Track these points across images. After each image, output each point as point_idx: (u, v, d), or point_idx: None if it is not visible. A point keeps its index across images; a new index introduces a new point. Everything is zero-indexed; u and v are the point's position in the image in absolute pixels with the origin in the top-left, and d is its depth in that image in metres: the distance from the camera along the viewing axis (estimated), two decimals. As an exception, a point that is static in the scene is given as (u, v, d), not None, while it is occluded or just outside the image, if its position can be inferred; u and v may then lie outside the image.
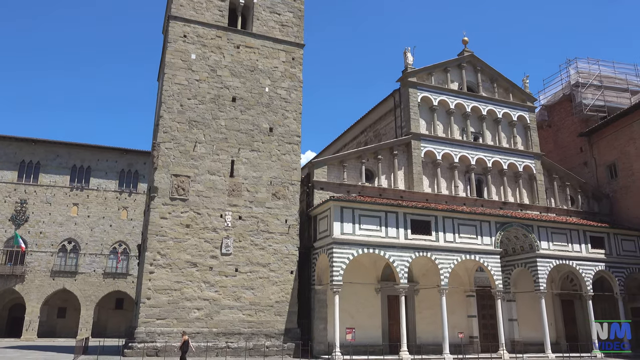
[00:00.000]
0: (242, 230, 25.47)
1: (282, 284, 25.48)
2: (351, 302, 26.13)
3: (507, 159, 33.09)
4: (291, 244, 26.21)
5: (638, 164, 33.11)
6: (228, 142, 26.41)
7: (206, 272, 24.29)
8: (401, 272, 25.12)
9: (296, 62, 29.17)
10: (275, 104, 27.92)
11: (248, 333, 24.15)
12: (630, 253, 31.32)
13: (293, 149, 27.71)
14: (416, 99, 31.64)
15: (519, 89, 35.26)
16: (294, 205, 26.89)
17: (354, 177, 29.07)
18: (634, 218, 32.98)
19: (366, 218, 25.40)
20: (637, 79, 39.20)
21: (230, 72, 27.41)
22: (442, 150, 31.41)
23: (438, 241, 26.43)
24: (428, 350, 26.05)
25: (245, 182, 26.21)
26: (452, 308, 27.59)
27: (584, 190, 35.11)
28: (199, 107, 26.25)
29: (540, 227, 29.28)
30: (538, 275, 28.26)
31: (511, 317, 30.11)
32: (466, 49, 34.75)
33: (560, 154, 38.73)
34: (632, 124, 33.65)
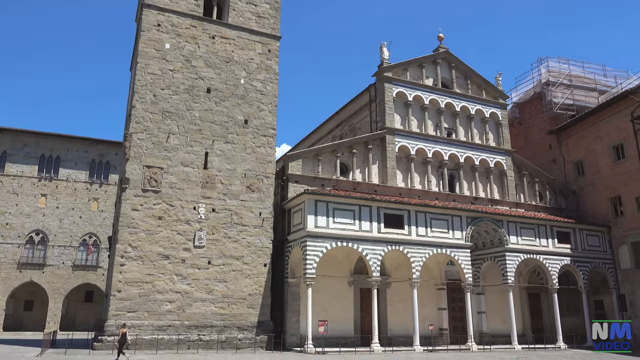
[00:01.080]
0: (215, 222, 25.31)
1: (256, 276, 25.47)
2: (324, 295, 26.30)
3: (479, 155, 33.70)
4: (265, 237, 26.19)
5: (604, 161, 34.14)
6: (202, 133, 26.15)
7: (178, 264, 24.08)
8: (374, 266, 25.41)
9: (272, 54, 29.01)
10: (250, 96, 27.75)
11: (220, 326, 24.08)
12: (595, 248, 32.36)
13: (268, 141, 27.62)
14: (391, 94, 31.89)
15: (492, 86, 35.89)
16: (268, 198, 26.85)
17: (329, 171, 29.18)
18: (598, 214, 34.05)
19: (340, 212, 25.56)
20: (605, 79, 40.33)
21: (205, 62, 27.10)
22: (416, 145, 31.77)
23: (410, 235, 26.81)
24: (399, 342, 26.47)
25: (220, 174, 26.03)
26: (423, 301, 28.06)
27: (552, 186, 36.05)
28: (172, 97, 25.89)
29: (510, 222, 29.98)
30: (506, 269, 28.97)
31: (480, 310, 30.82)
32: (441, 45, 35.14)
33: (531, 151, 39.63)
34: (598, 123, 34.64)
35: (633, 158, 31.81)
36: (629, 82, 36.28)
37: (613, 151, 33.54)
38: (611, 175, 33.47)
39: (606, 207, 33.63)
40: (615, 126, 33.35)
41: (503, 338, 29.29)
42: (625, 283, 31.82)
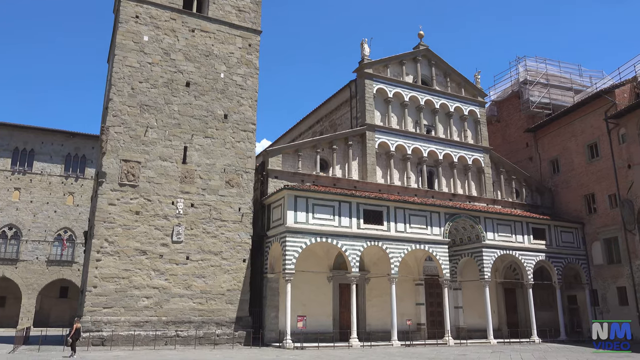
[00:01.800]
0: (194, 217, 25.10)
1: (234, 272, 25.35)
2: (303, 290, 26.33)
3: (458, 152, 34.07)
4: (244, 232, 26.08)
5: (578, 159, 34.86)
6: (181, 127, 25.86)
7: (156, 260, 23.82)
8: (353, 261, 25.53)
9: (253, 49, 28.82)
10: (230, 90, 27.53)
11: (198, 321, 23.93)
12: (569, 244, 33.08)
13: (248, 136, 27.46)
14: (372, 91, 32.00)
15: (470, 84, 36.29)
16: (248, 193, 26.73)
17: (309, 167, 29.17)
18: (573, 211, 34.79)
19: (320, 207, 25.59)
20: (581, 79, 41.10)
21: (184, 56, 26.78)
22: (396, 141, 31.96)
23: (389, 231, 27.00)
24: (377, 337, 26.67)
25: (198, 169, 25.80)
26: (401, 296, 28.33)
27: (528, 183, 36.68)
28: (151, 90, 25.52)
29: (487, 218, 30.42)
30: (483, 264, 29.41)
31: (457, 305, 31.26)
32: (422, 42, 35.36)
33: (508, 149, 40.23)
34: (573, 121, 35.33)
35: (606, 157, 32.56)
36: (603, 83, 37.05)
37: (587, 150, 34.26)
38: (585, 173, 34.21)
39: (580, 204, 34.38)
40: (590, 125, 34.06)
41: (479, 332, 29.75)
42: (597, 278, 32.62)
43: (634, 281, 29.87)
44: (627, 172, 30.87)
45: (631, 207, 30.16)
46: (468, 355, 20.95)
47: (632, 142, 30.68)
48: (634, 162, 30.48)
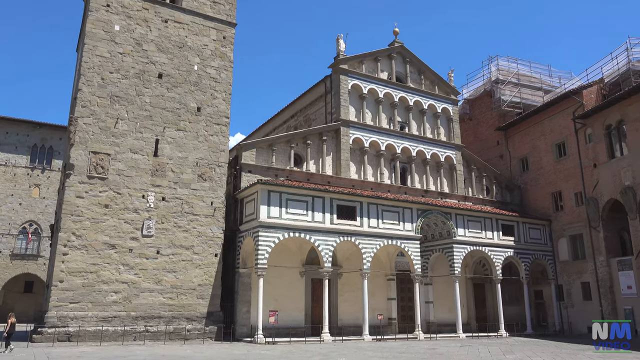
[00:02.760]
0: (165, 211, 24.72)
1: (206, 266, 25.10)
2: (275, 285, 26.28)
3: (431, 149, 34.46)
4: (216, 227, 25.83)
5: (546, 158, 35.68)
6: (153, 120, 25.39)
7: (125, 254, 23.38)
8: (326, 256, 25.59)
9: (227, 42, 28.48)
10: (204, 83, 27.16)
11: (169, 317, 23.62)
12: (536, 240, 33.89)
13: (221, 130, 27.16)
14: (347, 86, 32.04)
15: (444, 82, 36.70)
16: (221, 187, 26.46)
17: (283, 161, 29.06)
18: (540, 208, 35.64)
19: (293, 202, 25.53)
20: (550, 79, 41.99)
21: (157, 47, 26.27)
22: (370, 138, 32.11)
23: (362, 226, 27.14)
24: (349, 332, 26.84)
25: (170, 162, 25.40)
26: (373, 291, 28.57)
27: (498, 181, 37.39)
28: (121, 81, 24.97)
29: (458, 214, 30.90)
30: (454, 260, 29.88)
31: (428, 300, 31.70)
32: (397, 40, 35.57)
33: (479, 146, 40.89)
34: (543, 121, 36.13)
35: (573, 155, 33.42)
36: (572, 83, 37.95)
37: (555, 148, 35.10)
38: (553, 171, 35.05)
39: (548, 201, 35.23)
40: (558, 125, 34.88)
41: (449, 327, 30.25)
42: (563, 274, 33.53)
43: (597, 277, 30.81)
44: (592, 171, 31.76)
45: (596, 205, 31.07)
46: (437, 349, 21.26)
47: (598, 142, 31.57)
48: (599, 162, 31.38)
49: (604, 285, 30.30)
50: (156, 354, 17.73)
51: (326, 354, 18.53)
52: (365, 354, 18.98)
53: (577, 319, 32.21)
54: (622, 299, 29.35)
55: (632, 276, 28.67)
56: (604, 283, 30.35)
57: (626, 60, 32.70)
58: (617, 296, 29.69)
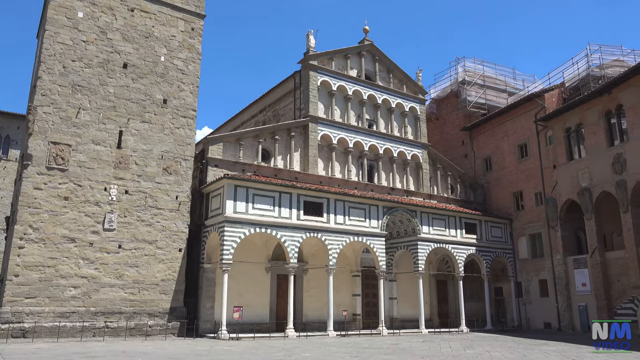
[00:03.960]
0: (128, 205, 24.16)
1: (170, 261, 24.69)
2: (240, 280, 26.12)
3: (398, 147, 34.86)
4: (181, 221, 25.43)
5: (509, 159, 36.63)
6: (117, 111, 24.75)
7: (85, 248, 22.75)
8: (292, 252, 25.57)
9: (196, 33, 28.00)
10: (170, 74, 26.64)
11: (130, 312, 23.14)
12: (497, 239, 34.80)
13: (188, 123, 26.71)
14: (316, 83, 32.04)
15: (412, 82, 37.15)
16: (186, 181, 26.05)
17: (250, 156, 28.85)
18: (502, 207, 36.58)
19: (260, 197, 25.40)
20: (514, 81, 43.09)
21: (122, 36, 25.59)
22: (338, 134, 32.23)
23: (329, 223, 27.24)
24: (313, 328, 26.94)
25: (134, 154, 24.82)
26: (338, 287, 28.75)
27: (463, 180, 38.16)
28: (84, 70, 24.22)
29: (423, 212, 31.39)
30: (418, 257, 30.37)
31: (392, 296, 32.13)
32: (367, 37, 35.76)
33: (445, 146, 41.62)
34: (506, 122, 37.05)
35: (534, 157, 34.41)
36: (534, 86, 39.10)
37: (518, 149, 36.06)
38: (515, 171, 36.01)
39: (509, 201, 36.19)
40: (521, 126, 35.84)
41: (412, 322, 30.74)
42: (522, 271, 34.55)
43: (554, 274, 31.89)
44: (552, 172, 32.79)
45: (555, 205, 32.11)
46: (400, 344, 21.57)
47: (558, 144, 32.60)
48: (558, 163, 32.42)
49: (560, 282, 31.39)
50: (115, 351, 17.34)
51: (290, 350, 18.54)
52: (329, 349, 19.08)
53: (534, 315, 33.29)
54: (577, 295, 30.47)
55: (587, 274, 29.79)
56: (560, 280, 31.43)
57: (586, 66, 33.88)
58: (572, 293, 30.81)
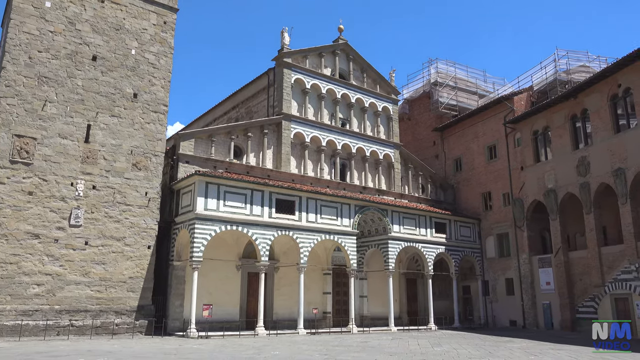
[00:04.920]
0: (95, 200, 23.63)
1: (138, 259, 24.27)
2: (210, 278, 25.89)
3: (370, 147, 35.10)
4: (150, 218, 25.02)
5: (479, 160, 37.34)
6: (85, 104, 24.16)
7: (50, 244, 22.16)
8: (263, 250, 25.48)
9: (168, 27, 27.56)
10: (141, 68, 26.15)
11: (96, 310, 22.66)
12: (466, 238, 35.45)
13: (159, 118, 26.29)
14: (290, 80, 31.97)
15: (385, 82, 37.45)
16: (156, 177, 25.64)
17: (222, 153, 28.60)
18: (471, 207, 37.28)
19: (231, 195, 25.21)
20: (485, 84, 43.93)
21: (91, 27, 24.99)
22: (312, 133, 32.24)
23: (301, 221, 27.24)
24: (284, 326, 26.91)
25: (103, 149, 24.29)
26: (309, 285, 28.78)
27: (433, 180, 38.71)
28: (51, 62, 23.56)
29: (394, 211, 31.72)
30: (388, 255, 30.68)
31: (362, 294, 32.39)
32: (341, 37, 35.87)
33: (417, 146, 42.13)
34: (476, 124, 37.75)
35: (503, 158, 35.18)
36: (504, 89, 39.96)
37: (487, 151, 36.79)
38: (484, 172, 36.74)
39: (478, 201, 36.90)
40: (491, 128, 36.57)
41: (382, 320, 31.03)
42: (489, 270, 35.30)
43: (520, 273, 32.69)
44: (520, 174, 33.58)
45: (522, 205, 32.89)
46: (370, 342, 21.76)
47: (526, 146, 33.40)
48: (526, 165, 33.22)
49: (526, 281, 32.20)
50: (80, 349, 16.96)
51: (260, 348, 18.48)
52: (299, 347, 19.10)
53: (500, 313, 34.06)
54: (541, 294, 31.31)
55: (551, 273, 30.65)
56: (525, 279, 32.24)
57: (554, 71, 34.82)
58: (537, 291, 31.64)
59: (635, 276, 25.52)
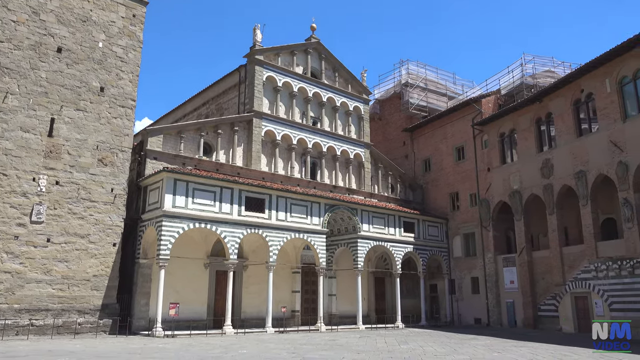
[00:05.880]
0: (58, 196, 22.96)
1: (103, 256, 23.71)
2: (178, 277, 25.54)
3: (341, 146, 35.24)
4: (116, 215, 24.48)
5: (447, 160, 37.96)
6: (49, 97, 23.44)
7: (10, 241, 21.41)
8: (232, 248, 25.28)
9: (137, 20, 27.00)
10: (109, 62, 25.54)
11: (58, 309, 22.03)
12: (434, 237, 36.01)
13: (126, 113, 25.73)
14: (261, 78, 31.79)
15: (357, 81, 37.66)
16: (123, 173, 25.09)
17: (192, 150, 28.22)
18: (439, 207, 37.88)
19: (200, 192, 24.91)
20: (454, 86, 44.73)
21: (57, 18, 24.25)
22: (282, 131, 32.15)
23: (271, 219, 27.14)
24: (252, 324, 26.78)
25: (67, 144, 23.62)
26: (278, 284, 28.71)
27: (403, 180, 39.15)
28: (13, 52, 22.75)
29: (364, 210, 31.95)
30: (357, 254, 30.89)
31: (331, 293, 32.53)
32: (313, 35, 35.87)
33: (387, 146, 42.53)
34: (445, 125, 38.37)
35: (471, 159, 35.86)
36: (473, 92, 40.75)
37: (455, 152, 37.44)
38: (452, 173, 37.37)
39: (446, 201, 37.52)
40: (459, 130, 37.22)
41: (350, 319, 31.21)
42: (455, 269, 35.95)
43: (485, 272, 33.42)
44: (487, 175, 34.30)
45: (488, 206, 33.61)
46: (337, 340, 21.86)
47: (493, 148, 34.14)
48: (493, 166, 33.96)
49: (491, 280, 32.93)
50: (41, 350, 16.46)
51: (227, 347, 18.33)
52: (266, 346, 19.03)
53: (465, 311, 34.74)
54: (505, 292, 32.08)
55: (515, 272, 31.43)
56: (490, 278, 32.98)
57: (520, 75, 35.69)
58: (501, 290, 32.40)
59: (594, 275, 26.42)
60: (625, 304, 24.66)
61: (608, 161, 25.99)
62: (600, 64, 26.53)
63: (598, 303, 26.06)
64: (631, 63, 25.31)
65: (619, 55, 25.63)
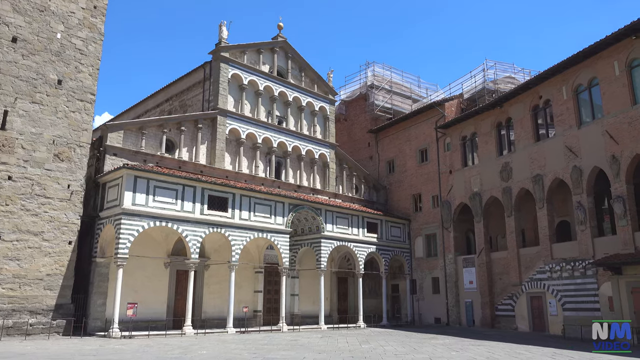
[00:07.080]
0: (11, 192, 22.01)
1: (57, 255, 22.88)
2: (136, 276, 24.94)
3: (306, 146, 35.21)
4: (72, 212, 23.67)
5: (410, 162, 38.49)
6: (2, 88, 22.42)
7: (-43, 238, 20.40)
8: (193, 247, 24.87)
9: (98, 12, 26.19)
10: (67, 54, 24.67)
11: (7, 310, 21.10)
12: (397, 238, 36.45)
13: (85, 107, 24.91)
14: (227, 75, 31.42)
15: (323, 82, 37.72)
16: (80, 169, 24.29)
17: (154, 147, 27.61)
18: (403, 208, 38.37)
19: (162, 190, 24.40)
20: (419, 89, 45.36)
21: (12, 7, 23.24)
22: (247, 129, 31.87)
23: (233, 218, 26.85)
24: (213, 325, 26.41)
25: (21, 137, 22.67)
26: (240, 283, 28.48)
27: (367, 180, 39.46)
28: (-36, 40, 21.69)
29: (328, 211, 32.02)
30: (321, 254, 30.93)
31: (294, 292, 32.44)
32: (280, 34, 35.71)
33: (352, 147, 42.79)
34: (410, 127, 38.90)
35: (433, 161, 36.48)
36: (436, 95, 41.42)
37: (419, 154, 38.00)
38: (415, 174, 37.92)
39: (409, 202, 38.04)
40: (423, 132, 37.80)
41: (312, 319, 31.23)
42: (417, 270, 36.50)
43: (445, 272, 34.06)
44: (449, 177, 34.96)
45: (449, 207, 34.27)
46: (299, 340, 21.82)
47: (455, 151, 34.83)
48: (454, 169, 34.65)
49: (451, 280, 33.59)
50: (-12, 352, 15.75)
51: (186, 348, 18.01)
52: (227, 346, 18.80)
53: (426, 311, 35.32)
54: (464, 292, 32.78)
55: (474, 272, 32.16)
56: (450, 278, 33.63)
57: (482, 80, 36.52)
58: (460, 290, 33.09)
59: (549, 276, 27.32)
60: (578, 304, 25.61)
61: (563, 166, 26.92)
62: (558, 72, 27.48)
63: (552, 303, 26.96)
64: (587, 72, 26.31)
65: (575, 64, 26.61)
